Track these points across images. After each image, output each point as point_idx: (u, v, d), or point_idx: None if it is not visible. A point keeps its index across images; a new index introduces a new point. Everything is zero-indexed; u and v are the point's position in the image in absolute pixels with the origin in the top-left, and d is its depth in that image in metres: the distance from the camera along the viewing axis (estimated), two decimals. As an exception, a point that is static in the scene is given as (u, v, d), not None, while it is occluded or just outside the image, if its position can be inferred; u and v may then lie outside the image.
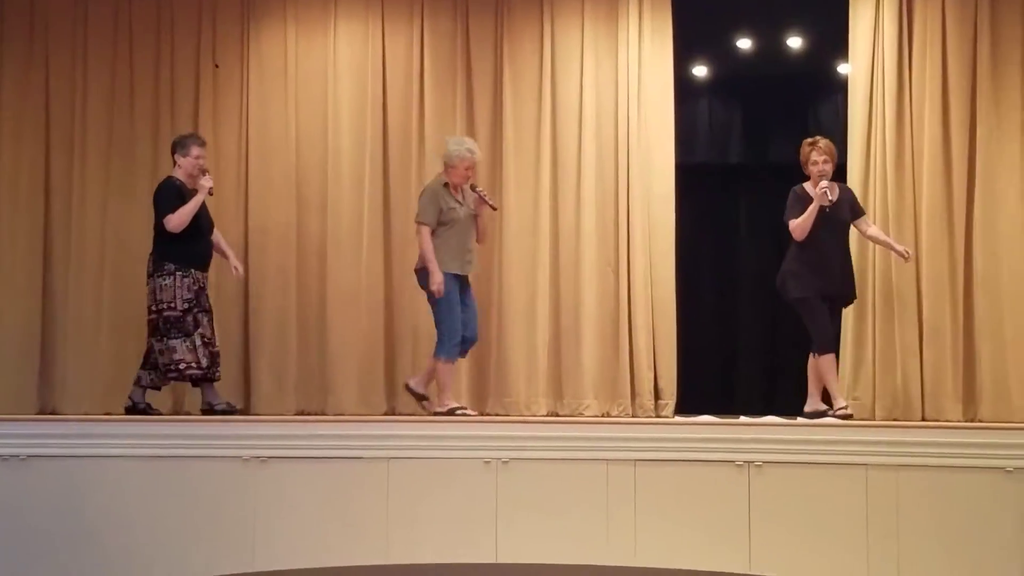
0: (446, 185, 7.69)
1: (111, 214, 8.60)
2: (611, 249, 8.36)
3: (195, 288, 7.70)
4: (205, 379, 7.78)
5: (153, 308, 7.70)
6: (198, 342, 7.67)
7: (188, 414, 8.19)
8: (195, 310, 7.69)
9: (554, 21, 8.60)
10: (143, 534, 7.02)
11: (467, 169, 7.70)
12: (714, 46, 9.30)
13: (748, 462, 6.92)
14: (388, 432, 7.33)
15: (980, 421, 7.84)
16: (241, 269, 8.04)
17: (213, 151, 8.58)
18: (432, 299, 7.61)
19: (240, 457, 7.12)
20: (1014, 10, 8.15)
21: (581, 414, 8.12)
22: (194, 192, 7.73)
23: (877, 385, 8.05)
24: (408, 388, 7.85)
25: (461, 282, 7.70)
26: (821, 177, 7.55)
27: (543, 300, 8.40)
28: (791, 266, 7.68)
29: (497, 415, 8.19)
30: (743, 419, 7.59)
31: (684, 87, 8.86)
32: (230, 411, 7.83)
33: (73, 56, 8.70)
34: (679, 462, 7.00)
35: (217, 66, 8.71)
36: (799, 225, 7.56)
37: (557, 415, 8.02)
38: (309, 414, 8.33)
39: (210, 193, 7.78)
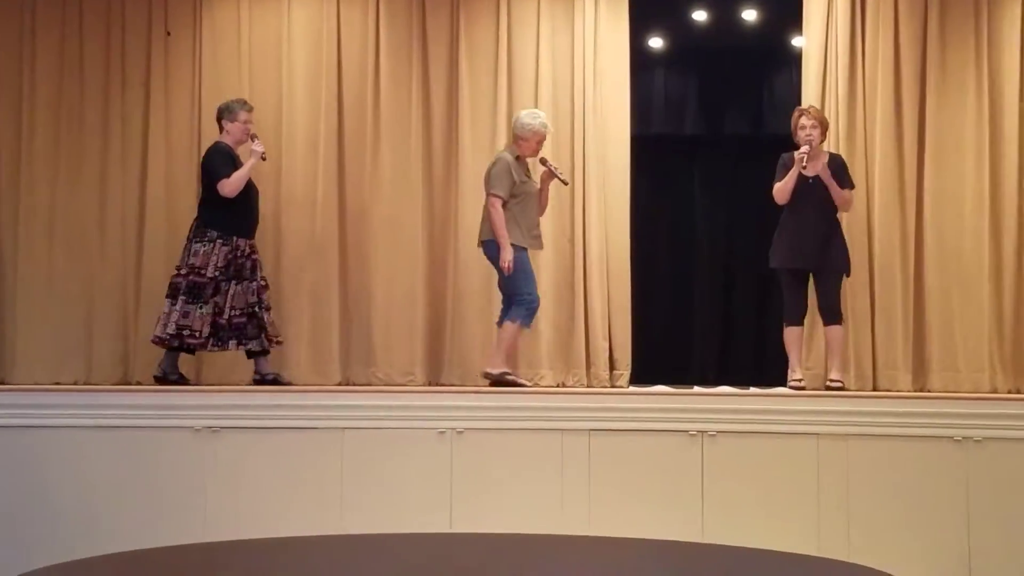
0: (517, 158, 7.67)
1: (61, 182, 8.48)
2: (567, 219, 8.34)
3: (230, 256, 7.65)
4: (194, 349, 7.77)
5: (182, 271, 7.66)
6: (210, 310, 7.61)
7: (139, 383, 8.13)
8: (221, 279, 7.63)
9: (511, -10, 8.57)
10: (94, 505, 6.98)
11: (538, 143, 7.70)
12: (670, 18, 9.27)
13: (702, 432, 6.97)
14: (342, 403, 7.34)
15: (929, 391, 7.92)
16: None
17: (164, 120, 8.51)
18: (506, 269, 7.57)
19: (192, 428, 7.10)
20: (964, -15, 8.23)
21: (536, 384, 8.13)
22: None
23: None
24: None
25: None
26: (806, 143, 7.54)
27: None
28: (775, 236, 7.72)
29: (452, 385, 8.18)
30: (697, 389, 7.63)
31: (640, 59, 8.85)
32: (182, 382, 7.78)
33: (21, 22, 8.53)
34: (633, 432, 7.05)
35: (169, 33, 8.57)
36: (778, 189, 7.56)
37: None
38: (264, 384, 8.28)
39: (263, 159, 7.76)
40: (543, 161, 7.75)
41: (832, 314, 7.59)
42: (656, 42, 9.36)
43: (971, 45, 8.19)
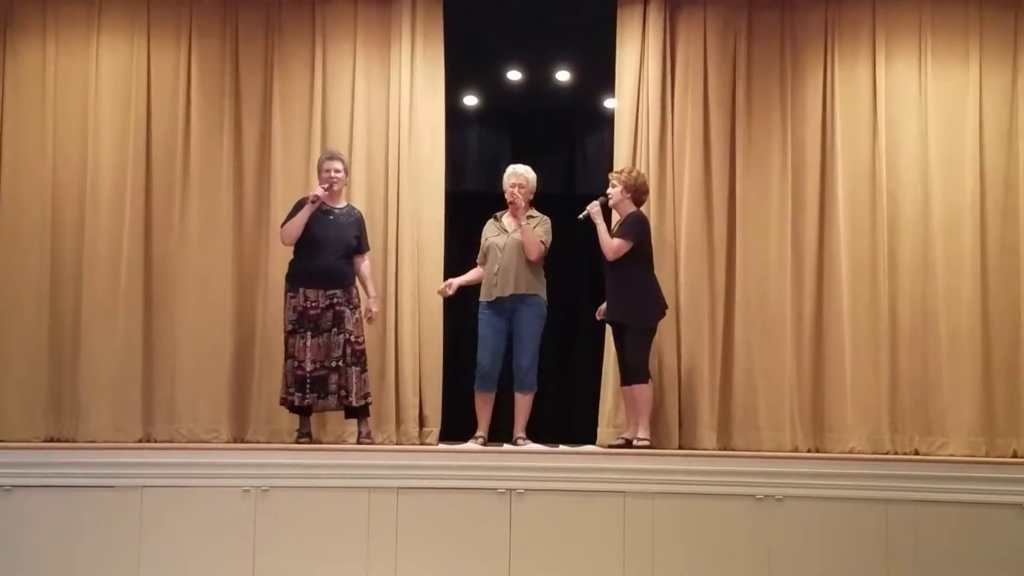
0: (495, 217, 7.94)
1: None
2: (379, 274, 8.27)
3: (299, 309, 7.55)
4: (293, 408, 7.67)
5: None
6: (292, 365, 7.56)
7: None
8: (297, 332, 7.54)
9: (326, 45, 8.47)
10: None
11: (513, 187, 7.86)
12: (486, 76, 9.39)
13: (510, 489, 6.98)
14: (142, 460, 7.13)
15: (733, 449, 8.08)
16: (375, 310, 7.87)
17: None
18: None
19: (-27, 486, 6.85)
20: (771, 54, 8.48)
21: (344, 441, 8.01)
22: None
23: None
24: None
25: (507, 307, 7.83)
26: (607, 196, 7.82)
27: (309, 325, 8.26)
28: None
29: (258, 442, 8.00)
30: (506, 447, 7.64)
31: (455, 116, 8.89)
32: (308, 440, 7.68)
33: None
34: (442, 490, 7.03)
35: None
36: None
37: (320, 442, 7.89)
38: (59, 441, 7.96)
39: (311, 202, 7.61)
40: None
41: (633, 372, 7.68)
42: (472, 99, 9.43)
43: (776, 112, 8.44)
